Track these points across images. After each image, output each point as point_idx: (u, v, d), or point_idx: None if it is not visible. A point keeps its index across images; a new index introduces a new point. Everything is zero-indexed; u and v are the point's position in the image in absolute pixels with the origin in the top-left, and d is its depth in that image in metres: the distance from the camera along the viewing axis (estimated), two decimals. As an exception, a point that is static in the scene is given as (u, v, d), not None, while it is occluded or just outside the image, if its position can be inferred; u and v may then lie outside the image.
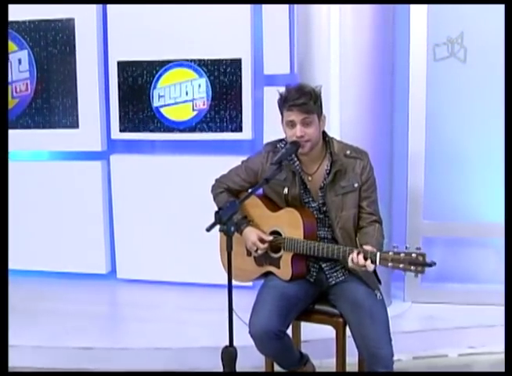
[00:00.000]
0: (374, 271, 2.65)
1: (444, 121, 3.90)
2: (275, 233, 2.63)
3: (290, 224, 2.57)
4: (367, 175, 2.59)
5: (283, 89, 2.55)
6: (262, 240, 2.61)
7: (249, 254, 2.69)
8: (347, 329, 2.59)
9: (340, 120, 3.53)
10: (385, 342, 2.43)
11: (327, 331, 2.71)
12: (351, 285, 2.60)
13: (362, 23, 3.52)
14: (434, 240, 3.92)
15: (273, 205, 2.67)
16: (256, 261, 2.68)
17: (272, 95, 4.00)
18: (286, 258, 2.58)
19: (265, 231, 2.64)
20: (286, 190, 2.61)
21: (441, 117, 3.89)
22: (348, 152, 2.60)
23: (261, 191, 2.74)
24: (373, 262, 2.33)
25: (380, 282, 2.65)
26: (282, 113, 2.55)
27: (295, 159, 2.61)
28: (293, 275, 2.57)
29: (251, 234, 2.62)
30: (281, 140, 2.66)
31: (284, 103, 2.50)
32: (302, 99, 2.46)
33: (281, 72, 3.99)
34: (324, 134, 2.62)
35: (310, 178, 2.62)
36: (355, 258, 2.36)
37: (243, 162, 2.78)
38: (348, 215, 2.57)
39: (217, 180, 2.84)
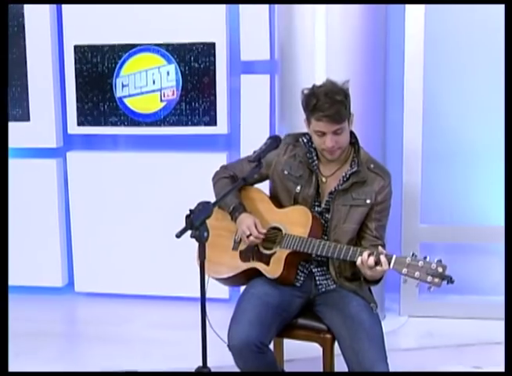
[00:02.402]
0: (369, 289, 2.73)
1: (443, 113, 3.95)
2: (275, 229, 2.69)
3: (296, 222, 2.63)
4: (384, 197, 2.66)
5: (306, 88, 2.57)
6: (257, 228, 2.65)
7: (235, 248, 2.74)
8: (336, 346, 2.63)
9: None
10: (382, 359, 2.47)
11: (313, 349, 2.74)
12: (343, 295, 2.64)
13: (350, 5, 3.55)
14: (432, 246, 3.98)
15: (280, 203, 2.74)
16: (242, 256, 2.72)
17: (250, 83, 4.11)
18: (280, 255, 2.62)
19: (265, 226, 2.69)
20: (298, 188, 2.68)
21: (440, 108, 3.93)
22: (372, 166, 2.67)
23: (264, 189, 2.81)
24: (388, 262, 2.39)
25: (375, 303, 2.70)
26: (307, 117, 2.60)
27: (315, 158, 2.68)
28: (282, 274, 2.61)
29: (248, 219, 2.67)
30: (304, 134, 2.72)
31: (314, 111, 2.53)
32: (334, 109, 2.49)
33: (260, 58, 4.02)
34: (351, 136, 2.67)
35: (324, 179, 2.69)
36: (365, 258, 2.42)
37: (255, 152, 2.84)
38: (348, 229, 2.63)
39: (222, 166, 2.91)
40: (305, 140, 2.71)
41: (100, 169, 4.30)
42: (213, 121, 4.11)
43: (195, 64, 4.08)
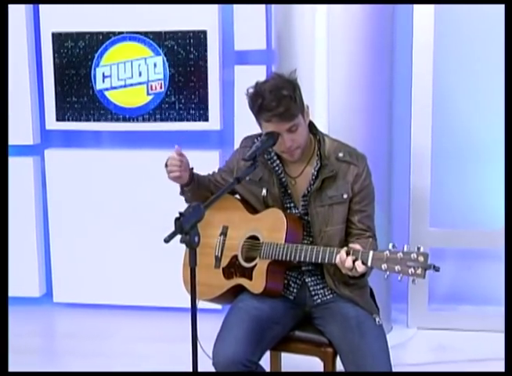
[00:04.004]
0: (372, 295, 2.75)
1: (454, 110, 3.99)
2: (253, 238, 2.72)
3: (272, 226, 2.65)
4: (361, 185, 2.65)
5: (251, 86, 2.56)
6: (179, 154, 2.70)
7: (217, 265, 2.77)
8: (338, 361, 2.65)
9: (328, 108, 3.59)
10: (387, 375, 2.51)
11: (313, 363, 2.77)
12: (341, 306, 2.66)
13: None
14: (443, 252, 4.01)
15: (254, 209, 2.77)
16: (225, 273, 2.76)
17: (244, 75, 4.10)
18: (261, 266, 2.65)
19: (241, 236, 2.73)
20: (264, 192, 2.70)
21: (451, 104, 3.97)
22: (341, 154, 2.65)
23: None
24: (365, 262, 2.40)
25: (378, 309, 2.72)
26: (257, 120, 2.60)
27: (275, 158, 2.69)
28: (266, 288, 2.63)
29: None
30: (260, 134, 2.71)
31: (260, 112, 2.53)
32: (282, 107, 2.48)
33: (256, 47, 4.04)
34: (312, 127, 2.68)
35: (293, 182, 2.70)
36: (343, 257, 2.42)
37: (226, 161, 2.90)
38: (334, 231, 2.65)
39: None
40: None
41: (81, 168, 4.31)
42: (204, 117, 4.13)
43: (184, 54, 4.10)
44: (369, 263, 2.39)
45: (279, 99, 2.48)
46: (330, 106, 3.60)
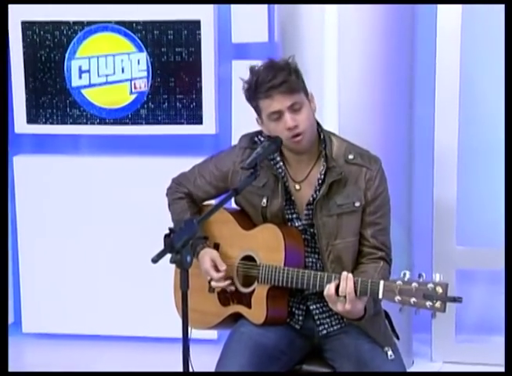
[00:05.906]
0: (390, 322, 2.75)
1: (483, 109, 4.00)
2: (248, 258, 2.71)
3: (268, 246, 2.65)
4: (375, 192, 2.66)
5: (246, 75, 2.63)
6: (217, 268, 2.69)
7: (211, 290, 2.76)
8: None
9: (339, 107, 3.61)
10: None
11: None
12: (352, 338, 2.66)
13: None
14: (472, 274, 4.00)
15: (248, 221, 2.77)
16: (220, 299, 2.75)
17: (243, 71, 4.09)
18: (259, 293, 2.64)
19: (235, 256, 2.72)
20: (264, 201, 2.70)
21: (479, 103, 3.98)
22: (351, 156, 2.66)
23: (230, 203, 2.82)
24: (374, 293, 2.39)
25: (397, 337, 2.73)
26: (256, 108, 2.63)
27: (278, 158, 2.69)
28: (267, 317, 2.63)
29: (206, 259, 2.70)
30: (260, 132, 2.75)
31: (257, 89, 2.58)
32: (280, 77, 2.54)
33: (256, 40, 4.06)
34: (317, 125, 2.70)
35: (298, 186, 2.71)
36: (332, 289, 2.42)
37: (212, 158, 2.88)
38: (345, 245, 2.65)
39: (174, 181, 2.94)
40: (262, 139, 2.72)
41: (56, 178, 4.30)
42: (198, 119, 4.14)
43: (174, 47, 4.10)
44: (380, 295, 2.39)
45: (275, 70, 2.58)
46: (341, 105, 3.62)
